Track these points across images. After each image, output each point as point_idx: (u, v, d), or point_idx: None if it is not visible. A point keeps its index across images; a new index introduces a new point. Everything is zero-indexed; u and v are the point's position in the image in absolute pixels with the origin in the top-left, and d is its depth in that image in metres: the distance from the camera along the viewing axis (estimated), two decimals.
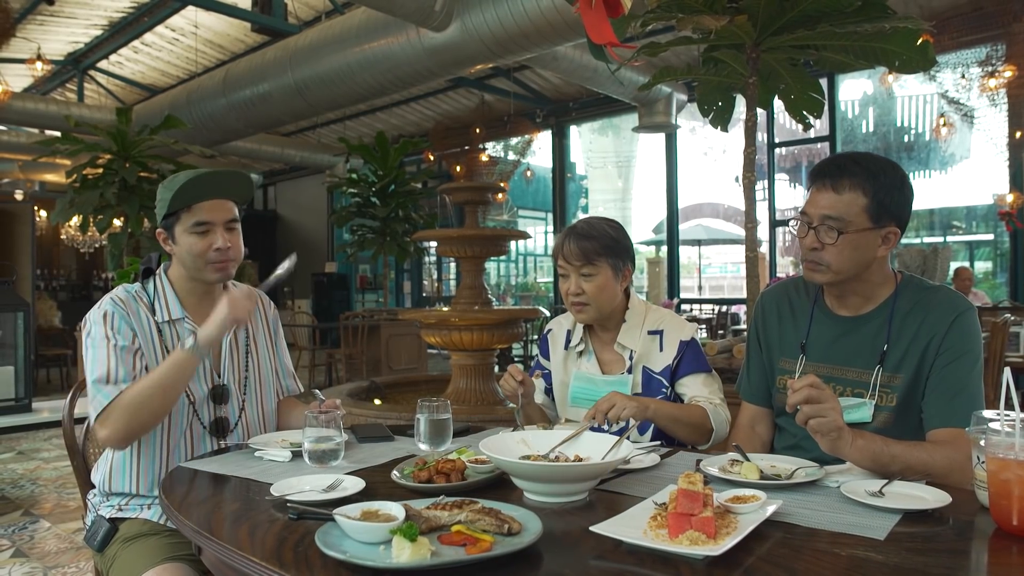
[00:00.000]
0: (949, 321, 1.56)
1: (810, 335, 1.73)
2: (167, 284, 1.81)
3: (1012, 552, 1.06)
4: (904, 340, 1.59)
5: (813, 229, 1.60)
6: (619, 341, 1.96)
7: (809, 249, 1.61)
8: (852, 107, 13.16)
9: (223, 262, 1.77)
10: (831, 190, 1.58)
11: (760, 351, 1.84)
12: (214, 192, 1.76)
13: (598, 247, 1.92)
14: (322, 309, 12.58)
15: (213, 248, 1.74)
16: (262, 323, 1.97)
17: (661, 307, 2.07)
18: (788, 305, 1.81)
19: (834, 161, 1.62)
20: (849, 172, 1.57)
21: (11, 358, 6.56)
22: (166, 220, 1.76)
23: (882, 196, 1.56)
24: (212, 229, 1.74)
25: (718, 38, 3.27)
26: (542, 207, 15.43)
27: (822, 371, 1.66)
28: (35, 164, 12.14)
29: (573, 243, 1.93)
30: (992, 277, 11.60)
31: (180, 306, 1.79)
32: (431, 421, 1.61)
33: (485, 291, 4.37)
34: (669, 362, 1.93)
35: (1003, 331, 4.50)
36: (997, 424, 1.14)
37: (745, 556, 1.01)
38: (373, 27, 6.74)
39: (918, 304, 1.61)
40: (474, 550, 1.00)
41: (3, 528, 3.74)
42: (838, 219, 1.57)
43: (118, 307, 1.71)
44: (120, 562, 1.60)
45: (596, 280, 1.91)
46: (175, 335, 1.76)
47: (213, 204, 1.75)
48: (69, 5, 9.22)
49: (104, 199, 6.96)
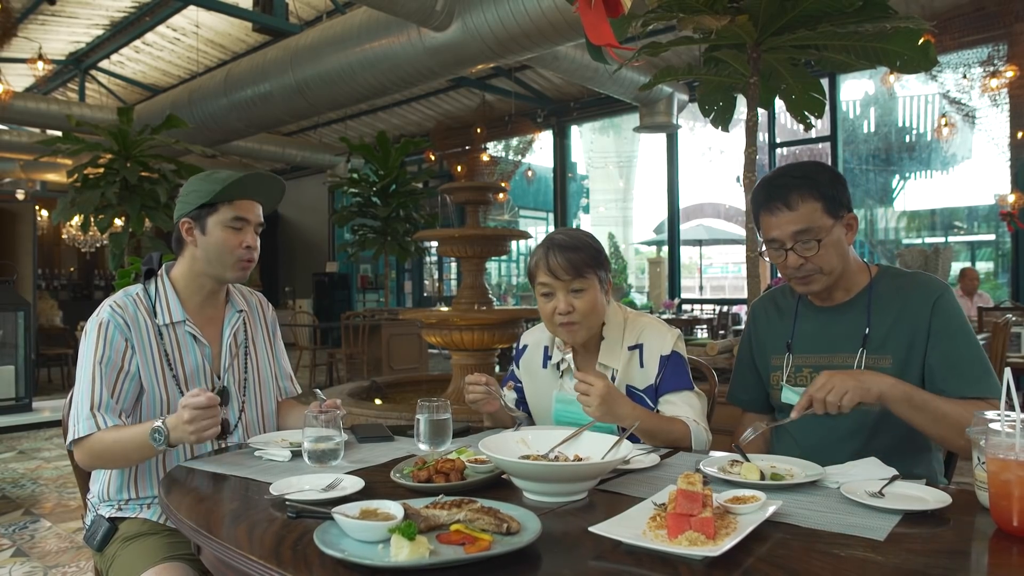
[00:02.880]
0: (930, 304, 1.62)
1: (796, 332, 1.79)
2: (169, 285, 1.80)
3: (1012, 553, 1.05)
4: (885, 323, 1.66)
5: (789, 251, 1.65)
6: (601, 361, 1.82)
7: (796, 268, 1.66)
8: (854, 107, 13.16)
9: (248, 261, 1.80)
10: (786, 209, 1.64)
11: (752, 359, 1.90)
12: (256, 193, 1.81)
13: (587, 259, 1.74)
14: (323, 309, 12.58)
15: (244, 245, 1.78)
16: (261, 326, 1.97)
17: (639, 313, 1.92)
18: (775, 307, 1.88)
19: (773, 183, 1.68)
20: (794, 186, 1.64)
21: (12, 358, 6.56)
22: (200, 210, 1.76)
23: (829, 192, 1.64)
24: (246, 228, 1.79)
25: (719, 38, 3.27)
26: (543, 207, 15.45)
27: (810, 361, 1.74)
28: (36, 164, 12.16)
29: (559, 256, 1.73)
30: (994, 277, 11.59)
31: (181, 308, 1.78)
32: (431, 421, 1.61)
33: (486, 291, 4.37)
34: (651, 380, 1.80)
35: (1004, 331, 4.50)
36: (998, 425, 1.14)
37: (744, 557, 1.01)
38: (374, 27, 6.74)
39: (897, 288, 1.68)
40: (473, 549, 1.00)
41: (4, 527, 3.74)
42: (807, 230, 1.63)
43: (115, 315, 1.70)
44: (120, 562, 1.60)
45: (587, 296, 1.74)
46: (174, 338, 1.76)
47: (252, 204, 1.81)
48: (70, 5, 9.23)
49: (105, 199, 6.96)
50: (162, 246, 7.24)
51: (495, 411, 1.86)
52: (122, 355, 1.68)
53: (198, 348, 1.78)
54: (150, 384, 1.70)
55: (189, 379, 1.75)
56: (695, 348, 3.84)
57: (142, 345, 1.71)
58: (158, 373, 1.71)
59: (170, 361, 1.73)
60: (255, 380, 1.89)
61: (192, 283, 1.81)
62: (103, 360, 1.65)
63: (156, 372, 1.71)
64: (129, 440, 1.59)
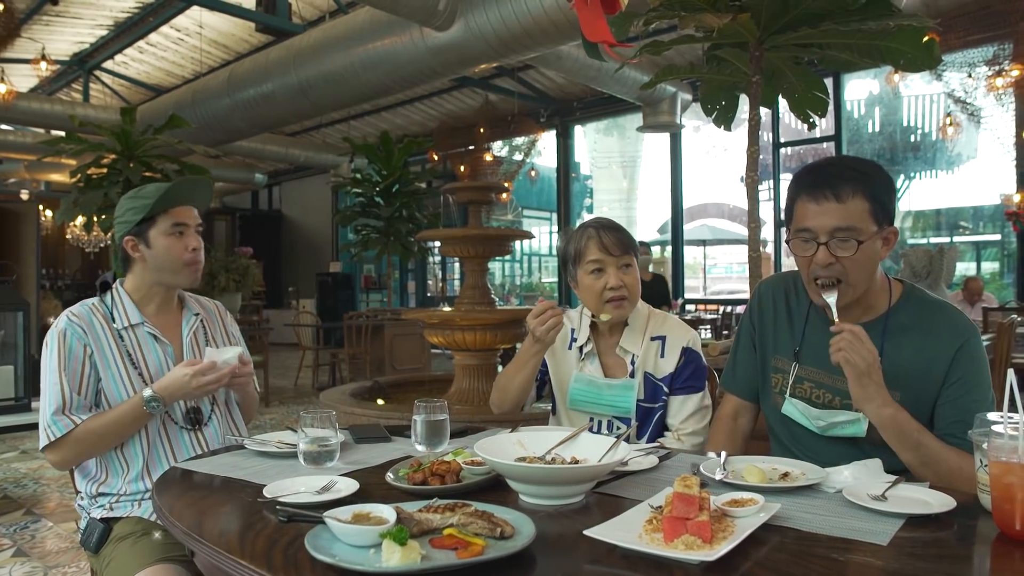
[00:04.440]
0: (955, 347, 1.49)
1: (804, 340, 1.66)
2: (124, 294, 1.88)
3: (1015, 558, 1.03)
4: (902, 356, 1.52)
5: (823, 245, 1.49)
6: (621, 345, 1.92)
7: (824, 266, 1.49)
8: (858, 106, 13.12)
9: (196, 263, 1.89)
10: (835, 200, 1.47)
11: (753, 347, 1.79)
12: (187, 198, 1.89)
13: (629, 239, 1.89)
14: (327, 309, 12.59)
15: (190, 249, 1.87)
16: (220, 328, 2.03)
17: (665, 312, 2.03)
18: (785, 303, 1.74)
19: (825, 170, 1.52)
20: (849, 178, 1.48)
21: (11, 358, 6.56)
22: (139, 226, 1.84)
23: (881, 196, 1.49)
24: (187, 231, 1.87)
25: (721, 36, 3.25)
26: (546, 207, 15.44)
27: (812, 375, 1.63)
28: (40, 164, 12.18)
29: (610, 235, 1.87)
30: (999, 277, 11.54)
31: (138, 312, 1.86)
32: (427, 422, 1.60)
33: (489, 291, 4.35)
34: (671, 369, 1.89)
35: (1009, 332, 4.46)
36: (1001, 427, 1.12)
37: (742, 561, 0.99)
38: (377, 27, 6.73)
39: (920, 321, 1.54)
40: (465, 554, 0.98)
41: (4, 527, 3.74)
42: (849, 229, 1.46)
43: (72, 324, 1.77)
44: (114, 564, 1.60)
45: (633, 272, 1.88)
46: (135, 339, 1.83)
47: (187, 208, 1.89)
48: (74, 5, 9.25)
49: (108, 199, 6.95)
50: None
51: None
52: (82, 360, 1.75)
53: (159, 347, 1.85)
54: (113, 384, 1.76)
55: (155, 375, 1.80)
56: None
57: (101, 348, 1.78)
58: (121, 372, 1.78)
59: (133, 360, 1.80)
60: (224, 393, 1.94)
61: (146, 293, 1.89)
62: (65, 366, 1.73)
63: (120, 372, 1.78)
64: (118, 418, 1.71)
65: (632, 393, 1.88)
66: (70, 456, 1.73)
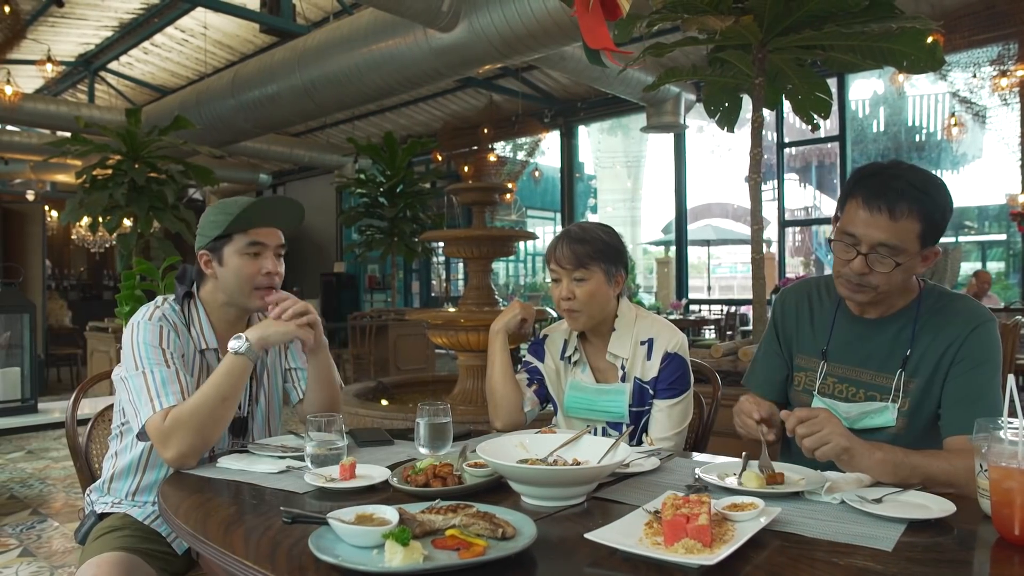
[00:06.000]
0: (969, 329, 1.52)
1: (831, 340, 1.69)
2: (202, 310, 1.79)
3: (1014, 563, 1.04)
4: (922, 345, 1.56)
5: (862, 255, 1.49)
6: (610, 350, 1.92)
7: (858, 274, 1.51)
8: (863, 106, 13.11)
9: (270, 288, 1.76)
10: (887, 215, 1.46)
11: (779, 347, 1.80)
12: (271, 219, 1.79)
13: (591, 251, 1.87)
14: (331, 309, 12.60)
15: (263, 272, 1.74)
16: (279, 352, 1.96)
17: (654, 314, 2.01)
18: (808, 306, 1.76)
19: (891, 182, 1.49)
20: (908, 197, 1.46)
21: (18, 359, 6.59)
22: (216, 242, 1.74)
23: (936, 219, 1.48)
24: (264, 252, 1.76)
25: (724, 38, 3.25)
26: (551, 207, 15.44)
27: (837, 371, 1.66)
28: (46, 165, 12.19)
29: (566, 247, 1.88)
30: (1004, 278, 11.51)
31: (213, 334, 1.78)
32: (430, 425, 1.61)
33: (492, 292, 4.36)
34: (655, 373, 1.89)
35: (1014, 333, 4.45)
36: (1000, 432, 1.13)
37: (741, 565, 1.00)
38: (381, 28, 6.74)
39: (939, 310, 1.58)
40: (467, 554, 1.00)
41: (11, 527, 3.76)
42: (894, 248, 1.47)
43: (166, 320, 1.70)
44: (84, 554, 1.62)
45: (587, 285, 1.86)
46: (206, 365, 1.76)
47: (270, 228, 1.78)
48: (79, 7, 9.28)
49: (113, 199, 6.99)
50: (170, 247, 7.27)
51: None
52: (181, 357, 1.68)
53: None
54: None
55: None
56: (701, 349, 3.83)
57: (187, 354, 1.72)
58: None
59: None
60: (265, 402, 1.89)
61: (218, 310, 1.80)
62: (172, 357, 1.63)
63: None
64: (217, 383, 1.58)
65: (624, 398, 1.88)
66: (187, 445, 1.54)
